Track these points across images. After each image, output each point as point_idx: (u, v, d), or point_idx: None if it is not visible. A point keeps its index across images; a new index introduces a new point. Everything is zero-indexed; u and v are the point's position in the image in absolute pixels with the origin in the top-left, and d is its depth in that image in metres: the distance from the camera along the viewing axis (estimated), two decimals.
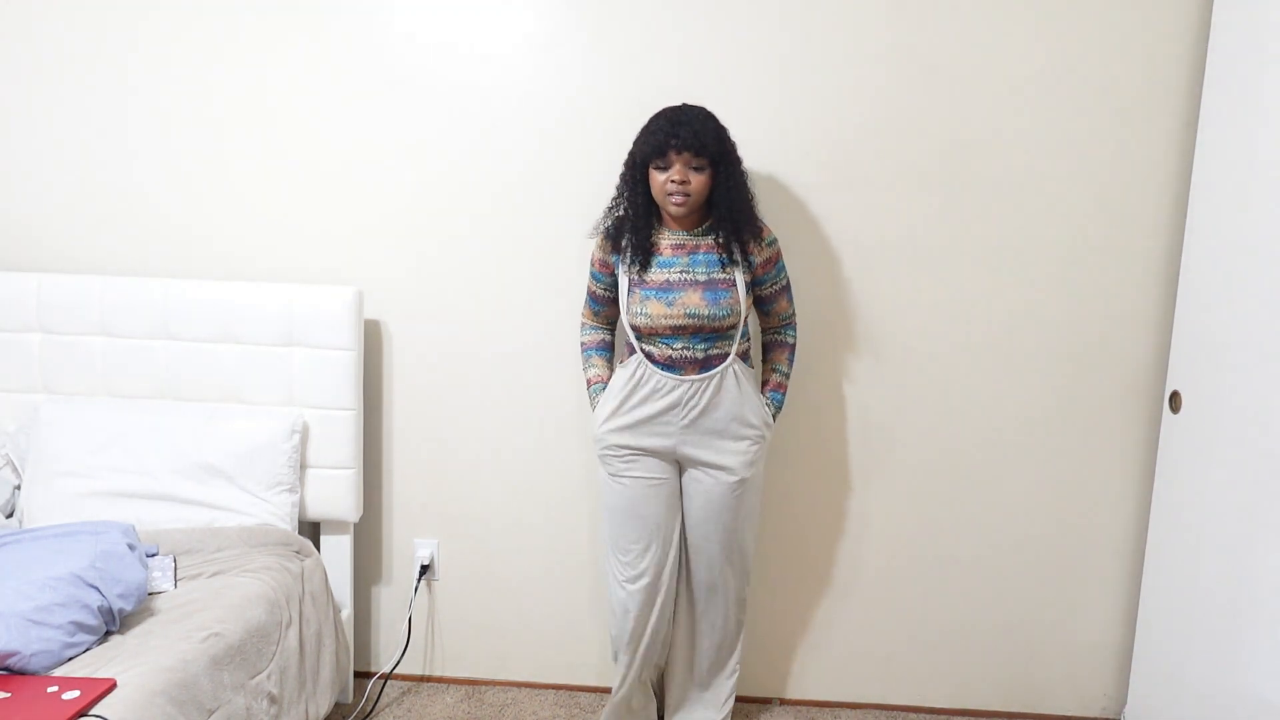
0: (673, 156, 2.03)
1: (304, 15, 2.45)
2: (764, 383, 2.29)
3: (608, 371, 2.29)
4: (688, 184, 2.04)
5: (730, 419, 2.16)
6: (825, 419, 2.52)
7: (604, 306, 2.28)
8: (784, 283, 2.24)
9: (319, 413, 2.44)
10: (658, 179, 2.06)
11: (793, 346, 2.30)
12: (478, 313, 2.55)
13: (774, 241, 2.19)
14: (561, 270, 2.49)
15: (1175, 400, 2.28)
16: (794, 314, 2.31)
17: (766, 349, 2.32)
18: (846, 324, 2.47)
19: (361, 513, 2.54)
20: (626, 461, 2.21)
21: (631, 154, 2.12)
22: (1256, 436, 1.98)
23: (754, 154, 2.40)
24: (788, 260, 2.44)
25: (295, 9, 2.45)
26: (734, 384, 2.15)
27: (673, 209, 2.08)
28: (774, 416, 2.25)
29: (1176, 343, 2.31)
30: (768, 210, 2.43)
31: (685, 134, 2.00)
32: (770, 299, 2.24)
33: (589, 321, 2.34)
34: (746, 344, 2.24)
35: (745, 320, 2.17)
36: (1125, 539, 2.53)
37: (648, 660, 2.33)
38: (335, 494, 2.46)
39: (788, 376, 2.29)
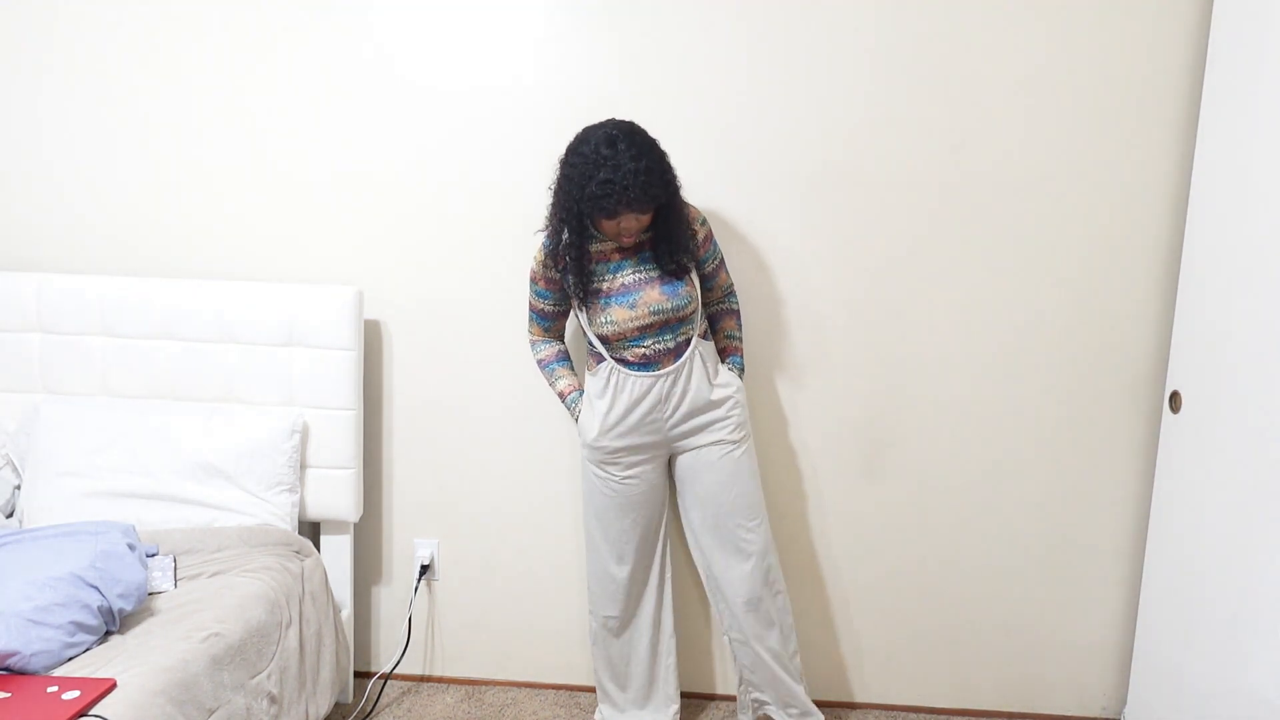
0: (622, 210, 2.00)
1: (305, 16, 2.45)
2: (722, 351, 2.32)
3: (576, 379, 2.32)
4: (639, 223, 2.06)
5: (707, 394, 2.20)
6: (825, 419, 2.52)
7: (553, 321, 2.31)
8: (720, 257, 2.30)
9: (319, 413, 2.44)
10: (607, 224, 2.05)
11: (738, 312, 2.37)
12: (478, 313, 2.55)
13: (705, 221, 2.24)
14: None
15: (1175, 400, 2.28)
16: (733, 282, 2.37)
17: (714, 319, 2.36)
18: (846, 324, 2.47)
19: (361, 513, 2.54)
20: (622, 466, 2.24)
21: (573, 197, 2.01)
22: (1256, 436, 1.98)
23: (755, 154, 2.41)
24: (784, 263, 2.45)
25: (296, 10, 2.45)
26: (700, 363, 2.20)
27: (625, 244, 2.12)
28: (740, 376, 2.29)
29: (1176, 343, 2.31)
30: (767, 211, 2.43)
31: (636, 195, 1.95)
32: (712, 275, 2.29)
33: (539, 338, 2.34)
34: (704, 323, 2.30)
35: (700, 304, 2.23)
36: (1125, 539, 2.53)
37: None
38: (335, 494, 2.46)
39: (741, 340, 2.35)
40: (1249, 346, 2.02)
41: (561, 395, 2.30)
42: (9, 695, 1.58)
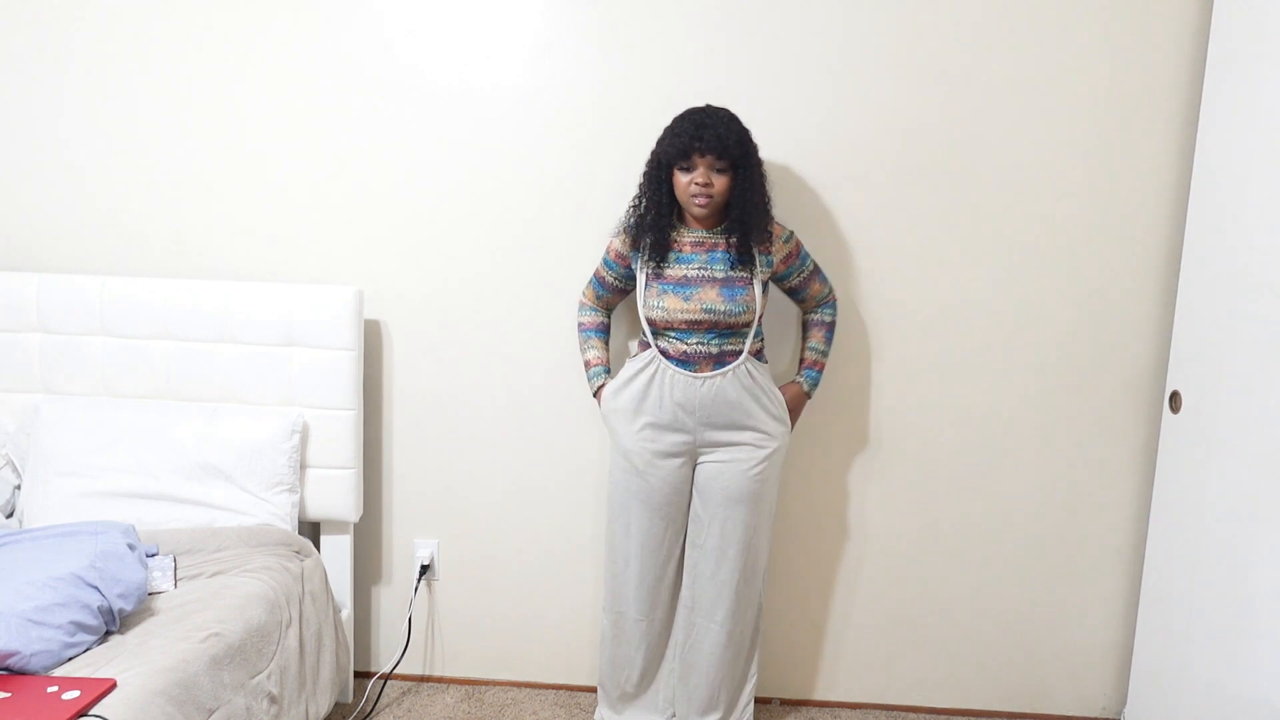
0: (696, 159, 2.06)
1: (307, 14, 2.45)
2: (800, 360, 2.32)
3: (605, 355, 2.32)
4: (710, 186, 2.08)
5: (745, 415, 2.17)
6: (825, 418, 2.52)
7: (609, 293, 2.31)
8: (811, 268, 2.27)
9: (319, 413, 2.44)
10: (681, 180, 2.10)
11: (830, 324, 2.32)
12: (478, 313, 2.55)
13: (790, 237, 2.22)
14: (562, 271, 2.50)
15: (1175, 400, 2.28)
16: (830, 292, 2.33)
17: (804, 328, 2.34)
18: (847, 325, 2.47)
19: (361, 513, 2.54)
20: (650, 460, 2.21)
21: (655, 154, 2.14)
22: (1256, 436, 1.98)
23: (760, 153, 2.41)
24: None
25: (297, 8, 2.45)
26: (749, 379, 2.17)
27: (696, 210, 2.12)
28: (809, 393, 2.27)
29: (1176, 343, 2.31)
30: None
31: (709, 137, 2.03)
32: (801, 286, 2.27)
33: (589, 303, 2.35)
34: (760, 342, 2.25)
35: (760, 319, 2.19)
36: (1125, 539, 2.53)
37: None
38: (335, 494, 2.46)
39: (824, 355, 2.29)
40: (1249, 346, 2.02)
41: (587, 364, 2.31)
42: (9, 695, 1.58)
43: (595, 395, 2.31)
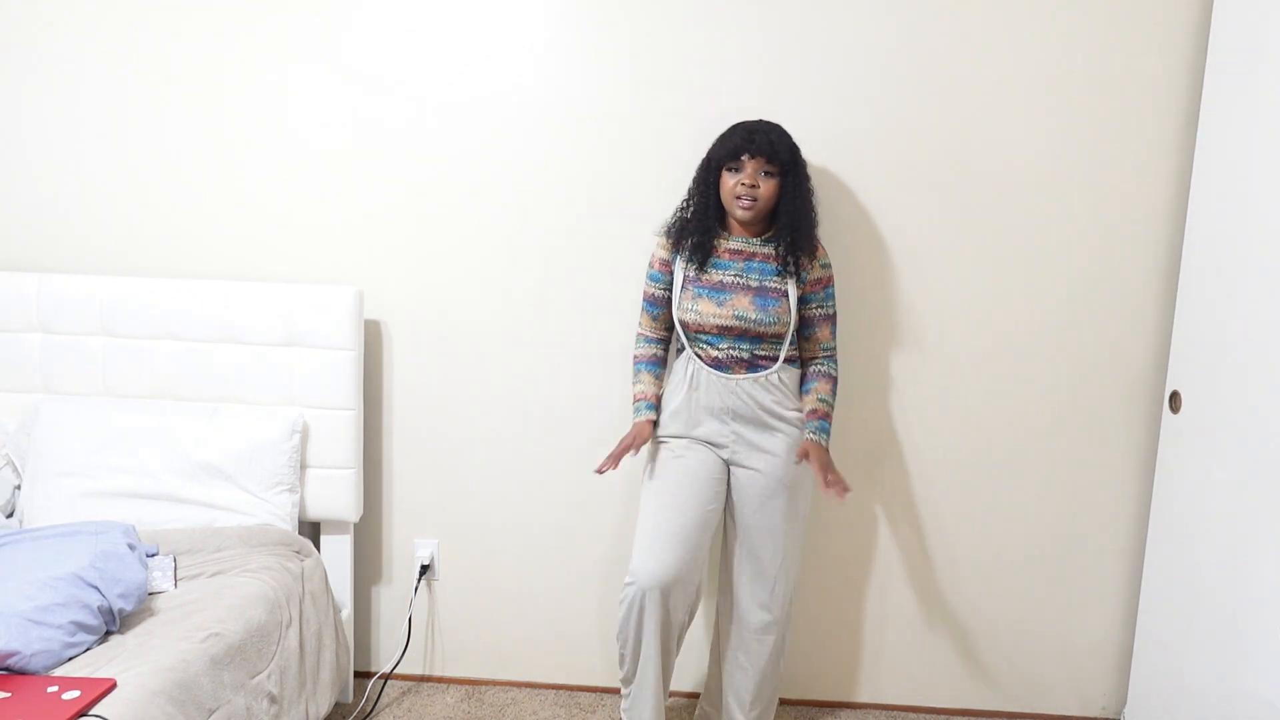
0: (746, 160, 2.09)
1: (306, 16, 2.45)
2: (812, 411, 2.21)
3: (655, 389, 2.27)
4: (756, 188, 2.10)
5: (776, 417, 2.18)
6: None
7: (661, 309, 2.28)
8: (830, 311, 2.25)
9: (319, 413, 2.44)
10: (728, 182, 2.12)
11: (835, 379, 2.27)
12: (477, 312, 2.55)
13: (828, 265, 2.22)
14: (562, 271, 2.50)
15: (1175, 400, 2.28)
16: (836, 347, 2.29)
17: (807, 380, 2.26)
18: (845, 324, 2.47)
19: (361, 513, 2.54)
20: (684, 446, 2.20)
21: (707, 157, 2.18)
22: (1256, 436, 1.98)
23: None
24: None
25: (298, 10, 2.45)
26: (779, 384, 2.18)
27: (740, 213, 2.12)
28: (827, 446, 2.17)
29: (1176, 343, 2.31)
30: None
31: (761, 141, 2.08)
32: (812, 322, 2.23)
33: (646, 333, 2.32)
34: (795, 351, 2.25)
35: (794, 332, 2.20)
36: (1125, 539, 2.53)
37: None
38: (335, 494, 2.46)
39: (832, 406, 2.23)
40: (1249, 346, 2.02)
41: (634, 398, 2.27)
42: (9, 695, 1.58)
43: (634, 427, 2.23)
